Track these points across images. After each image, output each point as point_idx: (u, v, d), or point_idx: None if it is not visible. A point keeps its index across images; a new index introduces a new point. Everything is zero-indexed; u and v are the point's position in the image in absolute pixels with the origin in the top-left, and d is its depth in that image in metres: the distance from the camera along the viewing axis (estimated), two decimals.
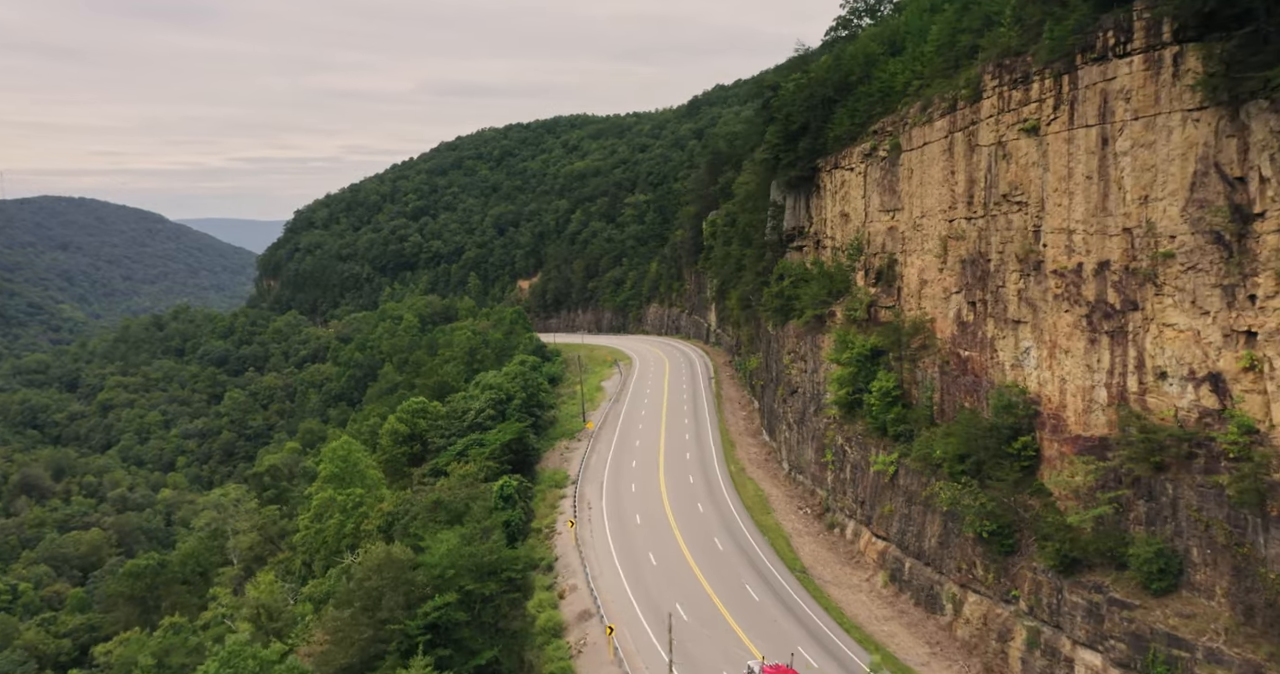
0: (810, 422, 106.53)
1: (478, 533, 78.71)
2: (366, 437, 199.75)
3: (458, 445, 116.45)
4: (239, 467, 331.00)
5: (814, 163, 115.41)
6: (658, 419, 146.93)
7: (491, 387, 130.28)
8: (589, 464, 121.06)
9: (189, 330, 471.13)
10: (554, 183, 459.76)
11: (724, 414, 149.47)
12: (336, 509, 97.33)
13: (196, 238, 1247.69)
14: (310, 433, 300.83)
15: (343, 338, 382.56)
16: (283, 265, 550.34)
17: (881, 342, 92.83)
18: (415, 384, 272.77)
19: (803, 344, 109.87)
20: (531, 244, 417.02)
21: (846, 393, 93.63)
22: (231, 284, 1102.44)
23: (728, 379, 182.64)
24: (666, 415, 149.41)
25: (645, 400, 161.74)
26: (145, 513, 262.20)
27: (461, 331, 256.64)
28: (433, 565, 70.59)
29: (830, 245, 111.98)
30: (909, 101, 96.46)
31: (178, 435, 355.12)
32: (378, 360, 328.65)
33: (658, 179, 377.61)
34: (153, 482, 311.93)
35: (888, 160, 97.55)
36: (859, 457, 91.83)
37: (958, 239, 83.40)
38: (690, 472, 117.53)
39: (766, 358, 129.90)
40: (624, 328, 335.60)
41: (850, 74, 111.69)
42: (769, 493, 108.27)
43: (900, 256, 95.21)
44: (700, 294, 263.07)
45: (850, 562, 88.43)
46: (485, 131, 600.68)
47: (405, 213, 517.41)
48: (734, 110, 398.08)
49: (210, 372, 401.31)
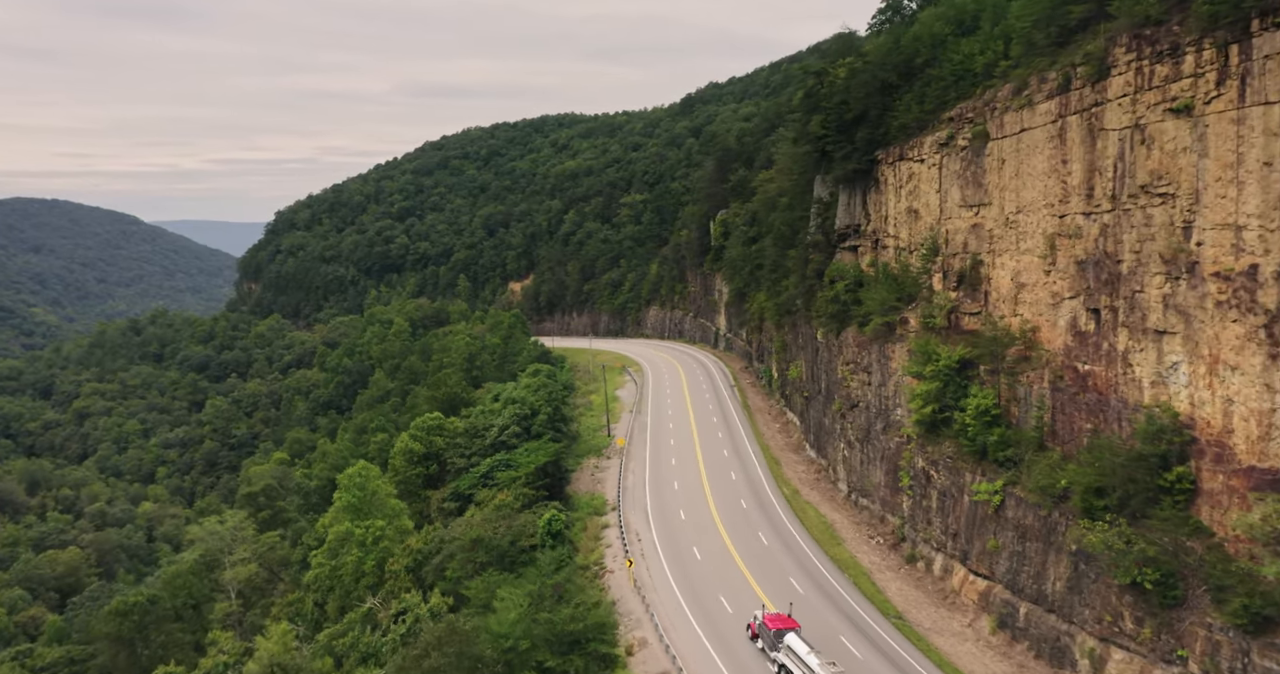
0: (878, 440, 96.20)
1: (547, 590, 67.67)
2: (368, 450, 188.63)
3: (481, 467, 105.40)
4: (222, 477, 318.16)
5: (872, 155, 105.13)
6: (688, 433, 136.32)
7: (515, 400, 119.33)
8: (626, 487, 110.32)
9: (167, 335, 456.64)
10: (544, 182, 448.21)
11: (758, 427, 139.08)
12: (354, 543, 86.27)
13: (172, 240, 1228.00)
14: (299, 443, 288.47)
15: (329, 343, 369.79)
16: (264, 268, 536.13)
17: (970, 353, 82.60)
18: (412, 391, 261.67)
19: (865, 354, 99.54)
20: (523, 245, 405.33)
21: (931, 411, 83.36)
22: (208, 287, 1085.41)
23: (750, 388, 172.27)
24: (697, 429, 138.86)
25: (669, 411, 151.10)
26: (125, 529, 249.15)
27: (459, 337, 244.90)
28: (502, 636, 59.35)
29: (894, 245, 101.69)
30: (994, 84, 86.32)
31: (157, 445, 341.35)
32: (368, 366, 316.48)
33: (654, 178, 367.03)
34: (132, 494, 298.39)
35: (970, 150, 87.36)
36: (948, 482, 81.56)
37: (1071, 237, 73.24)
38: (739, 494, 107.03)
39: (813, 368, 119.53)
40: (622, 331, 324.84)
41: (915, 57, 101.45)
42: (832, 519, 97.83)
43: (987, 257, 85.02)
44: (707, 297, 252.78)
45: (944, 603, 78.11)
46: (471, 131, 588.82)
47: (391, 214, 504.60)
48: (730, 107, 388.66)
49: (191, 378, 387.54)
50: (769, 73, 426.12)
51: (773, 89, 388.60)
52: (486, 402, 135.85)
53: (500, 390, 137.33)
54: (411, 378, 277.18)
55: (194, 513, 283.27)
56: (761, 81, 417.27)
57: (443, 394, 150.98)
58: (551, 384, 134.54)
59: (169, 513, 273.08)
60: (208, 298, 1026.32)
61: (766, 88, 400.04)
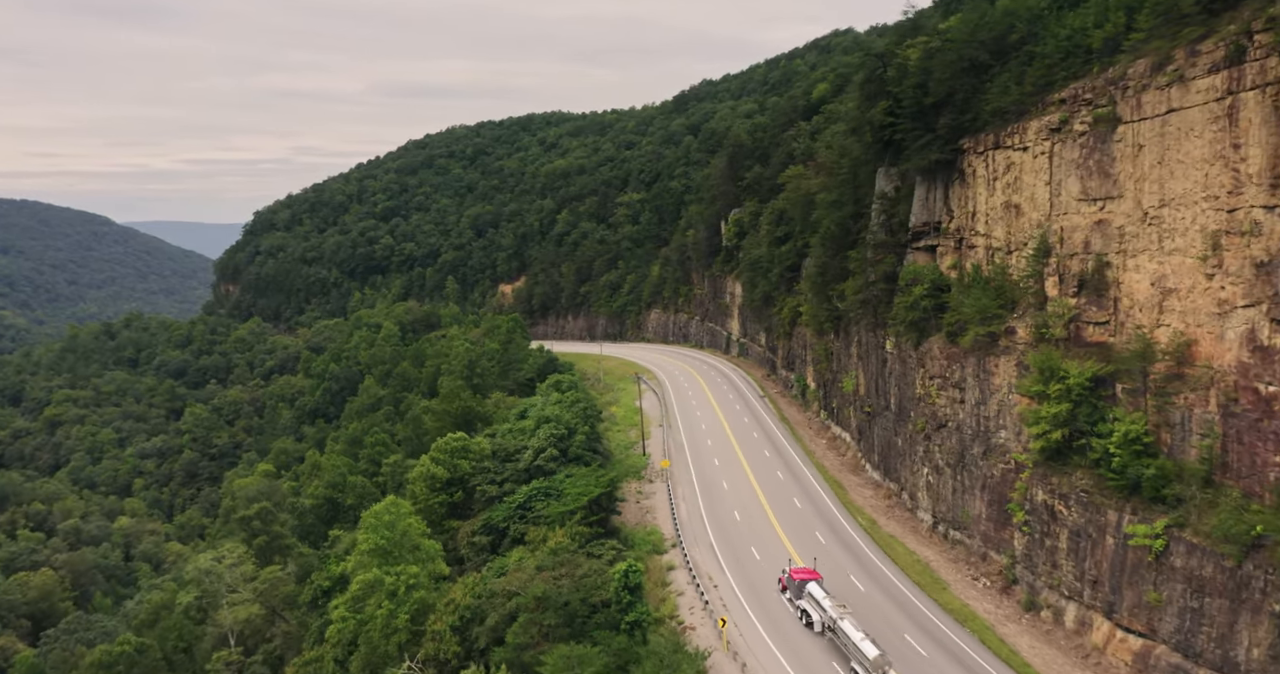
0: (975, 467, 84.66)
1: None
2: (364, 466, 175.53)
3: (518, 496, 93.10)
4: (203, 490, 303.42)
5: (956, 144, 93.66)
6: (731, 451, 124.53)
7: (549, 419, 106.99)
8: (681, 519, 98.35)
9: (143, 339, 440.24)
10: (534, 182, 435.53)
11: (805, 444, 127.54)
12: (383, 593, 73.83)
13: (145, 241, 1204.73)
14: (285, 453, 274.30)
15: (314, 348, 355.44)
16: (242, 269, 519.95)
17: (1103, 369, 71.24)
18: (406, 399, 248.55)
19: (957, 368, 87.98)
20: (514, 246, 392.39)
21: (1060, 435, 71.88)
22: (183, 288, 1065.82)
23: (780, 398, 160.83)
24: (739, 446, 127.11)
25: (702, 426, 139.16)
26: (101, 548, 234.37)
27: (457, 342, 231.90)
28: None
29: (985, 244, 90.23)
30: (1121, 59, 75.05)
31: (134, 455, 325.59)
32: (356, 372, 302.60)
33: (650, 177, 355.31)
34: (108, 508, 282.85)
35: (1092, 136, 75.98)
36: (1083, 520, 70.06)
37: (1245, 234, 62.00)
38: (811, 526, 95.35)
39: (877, 380, 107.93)
40: (621, 335, 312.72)
41: (1009, 33, 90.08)
42: (923, 556, 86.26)
43: (1116, 258, 73.67)
44: (717, 299, 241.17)
45: (1086, 662, 66.68)
46: (456, 129, 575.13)
47: (374, 214, 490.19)
48: (728, 104, 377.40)
49: (168, 384, 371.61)
50: (766, 69, 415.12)
51: (772, 85, 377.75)
52: (511, 419, 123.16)
53: (526, 406, 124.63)
54: (404, 385, 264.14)
55: (174, 528, 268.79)
56: (759, 78, 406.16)
57: (456, 408, 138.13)
58: (585, 399, 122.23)
59: (147, 528, 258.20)
60: (182, 300, 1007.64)
61: (765, 84, 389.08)
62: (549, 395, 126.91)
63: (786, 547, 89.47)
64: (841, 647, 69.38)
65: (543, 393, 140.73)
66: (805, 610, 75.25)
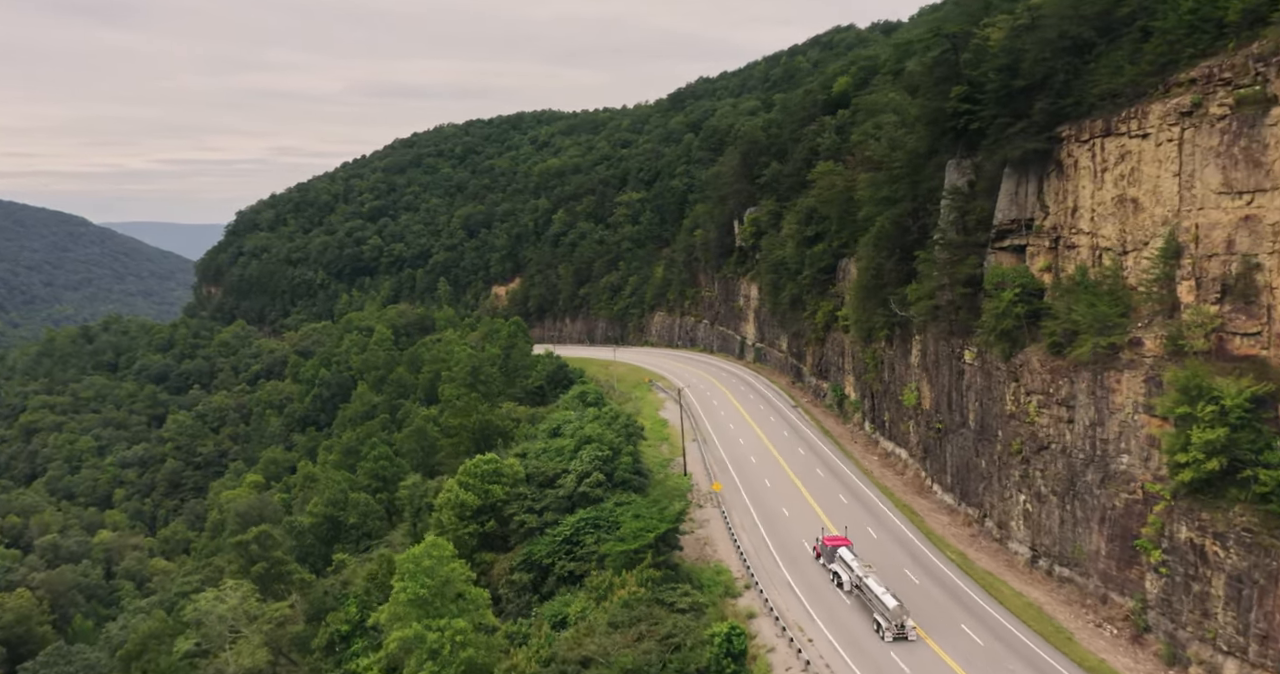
0: (1090, 496, 74.72)
1: None
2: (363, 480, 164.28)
3: (563, 528, 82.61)
4: (188, 501, 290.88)
5: (1053, 132, 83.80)
6: (779, 471, 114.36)
7: (591, 439, 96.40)
8: (747, 552, 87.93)
9: (123, 342, 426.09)
10: (527, 181, 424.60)
11: (860, 462, 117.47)
12: (424, 651, 63.04)
13: (122, 242, 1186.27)
14: (274, 463, 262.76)
15: (302, 352, 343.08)
16: (224, 270, 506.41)
17: (1265, 388, 61.50)
18: (403, 406, 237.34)
19: (1064, 383, 78.00)
20: (508, 247, 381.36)
21: (1217, 464, 61.98)
22: (161, 290, 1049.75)
23: (813, 408, 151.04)
24: (787, 465, 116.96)
25: (740, 441, 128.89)
26: (82, 565, 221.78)
27: (459, 348, 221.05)
28: None
29: (1091, 244, 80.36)
30: (1274, 32, 65.39)
31: (114, 464, 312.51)
32: (348, 378, 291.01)
33: (649, 176, 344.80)
34: (87, 520, 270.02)
35: (1235, 120, 66.21)
36: (1247, 564, 60.21)
37: None
38: (898, 561, 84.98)
39: (951, 394, 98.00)
40: (622, 339, 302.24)
41: (1119, 6, 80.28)
42: (1033, 598, 76.19)
43: (1269, 260, 63.97)
44: (729, 302, 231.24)
45: None
46: (445, 127, 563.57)
47: (361, 213, 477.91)
48: (728, 102, 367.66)
49: (149, 390, 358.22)
50: (766, 66, 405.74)
51: (774, 83, 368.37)
52: (540, 435, 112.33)
53: (559, 422, 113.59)
54: (400, 391, 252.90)
55: (158, 542, 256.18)
56: (759, 75, 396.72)
57: (474, 422, 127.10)
58: (624, 415, 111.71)
59: (130, 543, 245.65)
60: (161, 302, 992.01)
61: (766, 81, 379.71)
62: (583, 411, 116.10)
63: (872, 584, 79.23)
64: (867, 602, 76.21)
65: (565, 405, 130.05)
66: (836, 572, 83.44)
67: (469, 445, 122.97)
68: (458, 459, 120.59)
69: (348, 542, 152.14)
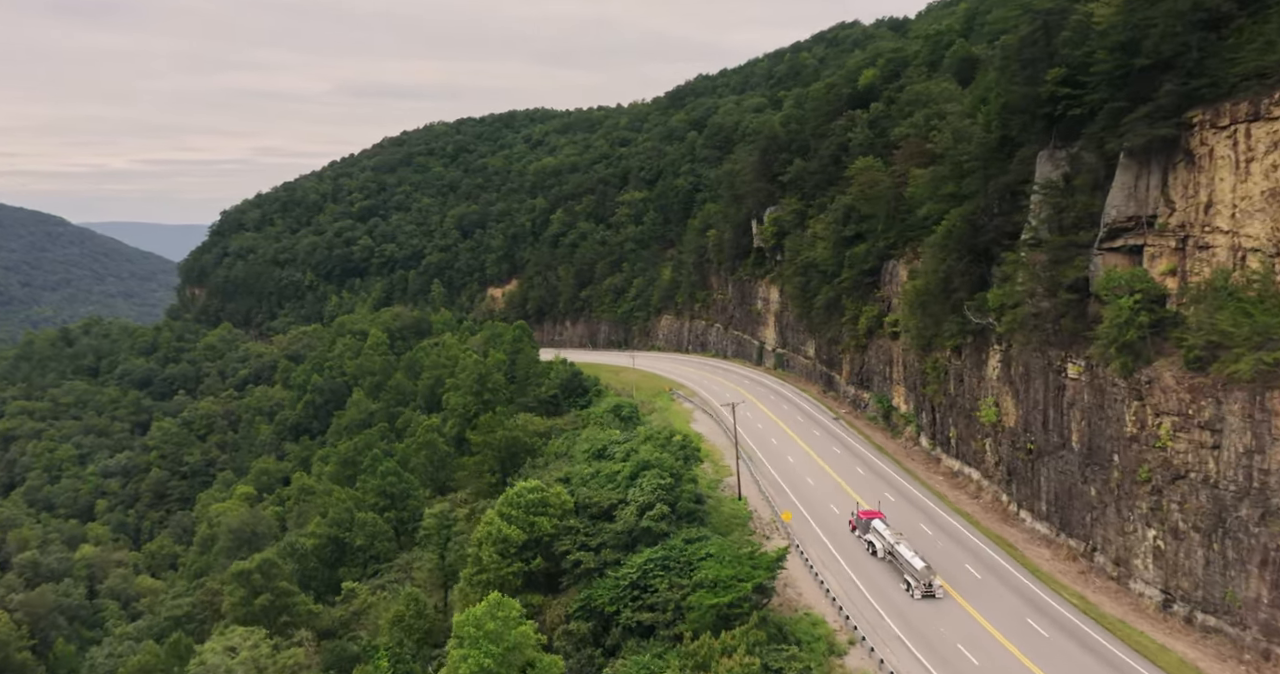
0: (1248, 535, 64.82)
1: None
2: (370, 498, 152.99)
3: (628, 569, 71.85)
4: (174, 513, 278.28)
5: (1181, 116, 73.89)
6: (842, 495, 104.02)
7: (650, 464, 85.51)
8: (838, 596, 77.52)
9: (104, 346, 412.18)
10: (522, 180, 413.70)
11: (927, 483, 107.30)
12: None
13: (102, 242, 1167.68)
14: (266, 474, 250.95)
15: (293, 356, 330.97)
16: (209, 272, 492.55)
17: None
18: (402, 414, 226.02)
19: (1209, 404, 68.04)
20: (504, 247, 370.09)
21: None
22: (142, 291, 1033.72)
23: (856, 421, 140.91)
24: (849, 487, 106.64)
25: (789, 459, 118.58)
26: (63, 584, 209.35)
27: (467, 354, 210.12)
28: None
29: (1231, 244, 70.53)
30: None
31: (96, 474, 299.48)
32: (343, 384, 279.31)
33: (651, 175, 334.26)
34: (68, 534, 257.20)
35: None
36: None
37: None
38: (1013, 607, 74.72)
39: (1048, 412, 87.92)
40: (626, 343, 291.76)
41: None
42: (1181, 654, 66.11)
43: None
44: (745, 305, 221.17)
45: None
46: (435, 126, 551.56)
47: (351, 213, 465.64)
48: (731, 99, 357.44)
49: (133, 396, 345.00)
50: (769, 63, 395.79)
51: (779, 80, 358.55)
52: (580, 457, 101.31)
53: (602, 442, 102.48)
54: (399, 398, 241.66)
55: (144, 557, 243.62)
56: (762, 72, 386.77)
57: (499, 439, 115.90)
58: (677, 434, 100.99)
59: (114, 559, 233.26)
60: (142, 303, 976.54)
61: (771, 78, 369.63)
62: (629, 429, 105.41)
63: (999, 639, 69.00)
64: (899, 566, 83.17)
65: (597, 420, 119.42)
66: (870, 542, 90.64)
67: (493, 464, 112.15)
68: (480, 479, 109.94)
69: (354, 565, 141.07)
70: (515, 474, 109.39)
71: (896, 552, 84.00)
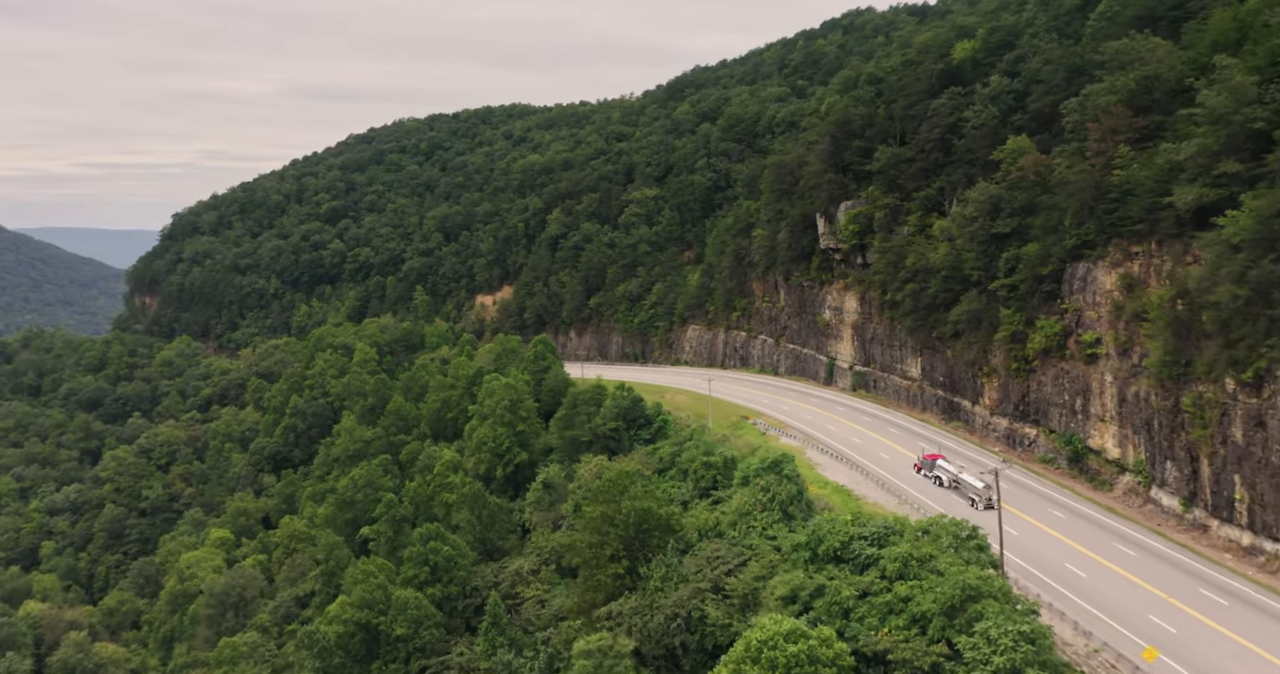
0: None
1: None
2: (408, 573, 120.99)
3: None
4: (132, 554, 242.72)
5: None
6: (1150, 599, 74.68)
7: (978, 590, 55.07)
8: None
9: (46, 361, 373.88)
10: (508, 178, 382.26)
11: (1235, 570, 78.58)
12: None
13: (39, 248, 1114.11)
14: (244, 515, 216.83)
15: (265, 374, 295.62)
16: (161, 279, 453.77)
17: None
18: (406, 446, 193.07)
19: None
20: (495, 251, 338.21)
21: None
22: (82, 299, 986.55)
23: (1028, 463, 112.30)
24: (1147, 581, 77.33)
25: (1013, 532, 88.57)
26: (6, 658, 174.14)
27: (493, 380, 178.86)
28: None
29: None
30: None
31: (40, 510, 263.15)
32: (326, 406, 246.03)
33: (660, 171, 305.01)
34: (10, 587, 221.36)
35: None
36: None
37: None
38: None
39: None
40: (644, 356, 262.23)
41: None
42: None
43: None
44: (806, 315, 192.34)
45: None
46: (405, 122, 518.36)
47: (318, 215, 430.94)
48: (743, 89, 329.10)
49: (81, 419, 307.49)
50: (782, 51, 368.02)
51: (795, 68, 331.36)
52: (793, 557, 69.50)
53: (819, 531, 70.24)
54: (401, 425, 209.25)
55: (101, 614, 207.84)
56: (774, 61, 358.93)
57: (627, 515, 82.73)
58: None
59: (66, 619, 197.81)
60: (81, 311, 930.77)
61: (784, 67, 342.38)
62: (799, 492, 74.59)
63: None
64: (962, 490, 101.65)
65: (741, 478, 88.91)
66: (937, 476, 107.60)
67: (616, 548, 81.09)
68: (600, 570, 79.21)
69: (392, 659, 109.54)
70: (652, 564, 78.43)
71: (961, 479, 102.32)
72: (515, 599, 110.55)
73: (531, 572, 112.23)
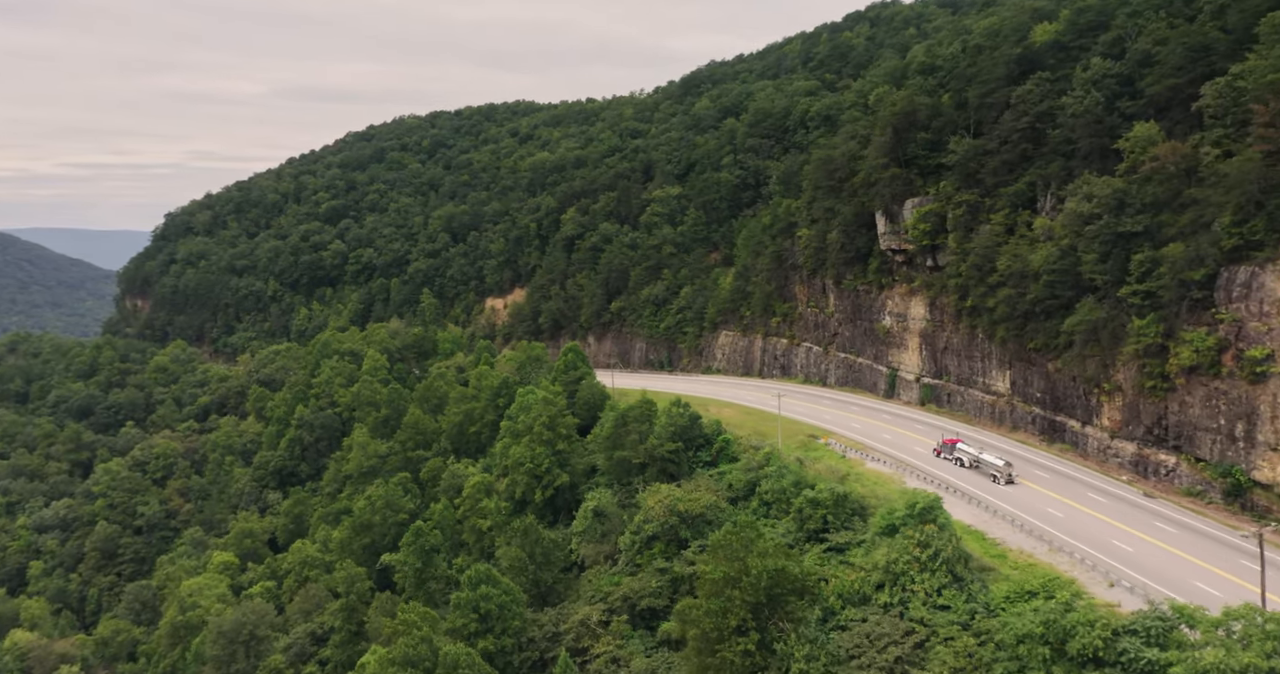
0: None
1: None
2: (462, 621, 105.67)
3: None
4: (127, 575, 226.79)
5: None
6: None
7: None
8: None
9: (34, 367, 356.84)
10: (516, 177, 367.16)
11: None
12: None
13: (25, 248, 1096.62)
14: (249, 537, 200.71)
15: (265, 382, 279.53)
16: (154, 281, 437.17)
17: None
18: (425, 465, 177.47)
19: None
20: (505, 252, 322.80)
21: None
22: (70, 300, 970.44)
23: (1168, 495, 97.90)
24: None
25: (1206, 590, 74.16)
26: None
27: (527, 393, 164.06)
28: None
29: None
30: None
31: (28, 528, 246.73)
32: (335, 418, 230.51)
33: (681, 168, 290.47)
34: None
35: None
36: None
37: None
38: None
39: None
40: (670, 363, 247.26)
41: None
42: None
43: None
44: (861, 322, 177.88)
45: None
46: (406, 119, 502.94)
47: (317, 214, 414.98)
48: (767, 83, 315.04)
49: (71, 429, 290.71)
50: (805, 44, 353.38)
51: (820, 61, 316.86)
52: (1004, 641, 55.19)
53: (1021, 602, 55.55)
54: (419, 439, 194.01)
55: (94, 644, 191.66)
56: (797, 54, 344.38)
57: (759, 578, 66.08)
58: None
59: (57, 651, 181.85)
60: (70, 313, 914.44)
61: (808, 59, 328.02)
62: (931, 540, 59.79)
63: None
64: (983, 469, 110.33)
65: (885, 527, 73.91)
66: (958, 458, 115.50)
67: (743, 617, 65.86)
68: (723, 645, 64.14)
69: None
70: (790, 640, 63.33)
71: (981, 459, 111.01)
72: (583, 655, 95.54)
73: (601, 623, 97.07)
